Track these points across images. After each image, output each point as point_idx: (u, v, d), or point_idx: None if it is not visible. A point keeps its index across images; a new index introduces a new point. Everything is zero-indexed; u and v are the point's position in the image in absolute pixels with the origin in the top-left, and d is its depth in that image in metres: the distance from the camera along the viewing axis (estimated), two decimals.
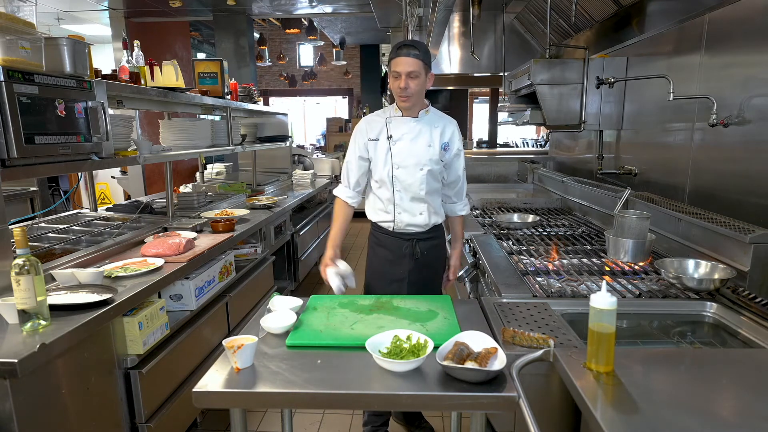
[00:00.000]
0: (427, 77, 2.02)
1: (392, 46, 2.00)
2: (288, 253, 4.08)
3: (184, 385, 2.18)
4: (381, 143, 2.14)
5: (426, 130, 2.11)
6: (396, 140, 2.11)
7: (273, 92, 12.49)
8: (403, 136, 2.11)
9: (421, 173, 2.10)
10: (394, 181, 2.12)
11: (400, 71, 1.97)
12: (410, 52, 1.96)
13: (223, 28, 6.72)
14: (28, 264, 1.40)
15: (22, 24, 1.80)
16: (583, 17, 3.28)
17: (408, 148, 2.10)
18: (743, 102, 1.94)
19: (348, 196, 2.21)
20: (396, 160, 2.10)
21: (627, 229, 2.10)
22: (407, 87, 1.98)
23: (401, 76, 1.97)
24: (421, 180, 2.10)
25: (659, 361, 1.23)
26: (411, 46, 1.97)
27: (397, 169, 2.11)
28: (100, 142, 2.07)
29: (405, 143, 2.11)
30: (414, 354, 1.28)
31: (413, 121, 2.11)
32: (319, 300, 1.76)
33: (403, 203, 2.14)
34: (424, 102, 2.14)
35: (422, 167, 2.10)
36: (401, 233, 2.18)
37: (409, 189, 2.12)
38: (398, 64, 1.97)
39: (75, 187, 4.82)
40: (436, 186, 2.17)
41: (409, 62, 1.95)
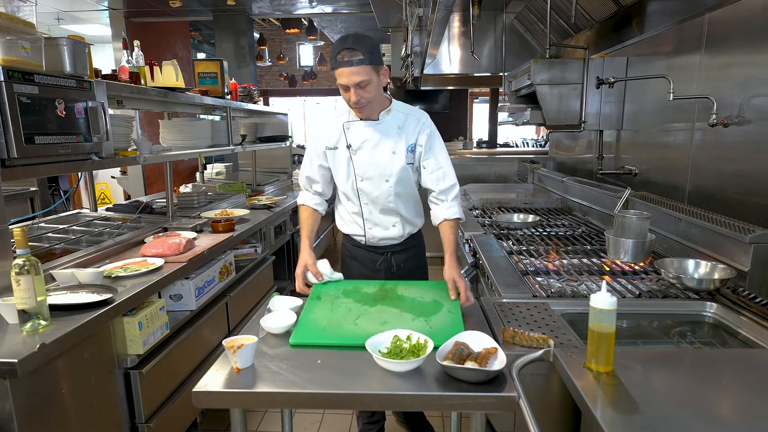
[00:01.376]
0: (380, 76, 1.75)
1: (332, 49, 1.73)
2: (288, 253, 4.08)
3: (184, 385, 2.18)
4: (340, 152, 1.91)
5: (389, 135, 1.87)
6: (356, 149, 1.88)
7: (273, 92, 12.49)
8: (364, 144, 1.87)
9: (387, 185, 1.89)
10: (360, 194, 1.94)
11: (346, 83, 1.69)
12: (353, 58, 1.65)
13: (223, 28, 6.72)
14: (28, 264, 1.40)
15: (22, 24, 1.80)
16: (583, 17, 3.28)
17: (370, 157, 1.87)
18: (743, 102, 1.94)
19: (315, 203, 2.00)
20: (359, 171, 1.90)
21: (627, 229, 2.10)
22: (359, 99, 1.72)
23: (350, 88, 1.70)
24: (389, 192, 1.90)
25: (659, 361, 1.23)
26: (352, 50, 1.66)
27: (362, 181, 1.91)
28: (100, 142, 2.07)
29: (366, 152, 1.87)
30: (414, 354, 1.28)
31: (373, 126, 1.86)
32: (322, 288, 1.77)
33: (373, 217, 1.97)
34: (385, 100, 1.89)
35: (388, 178, 1.88)
36: (375, 246, 2.04)
37: (377, 201, 1.93)
38: (342, 75, 1.69)
39: (75, 187, 4.82)
40: (408, 192, 1.96)
41: (355, 71, 1.66)
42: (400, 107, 1.92)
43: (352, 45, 1.66)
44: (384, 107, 1.88)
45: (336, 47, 1.69)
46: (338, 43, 1.69)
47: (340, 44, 1.68)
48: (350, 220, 2.03)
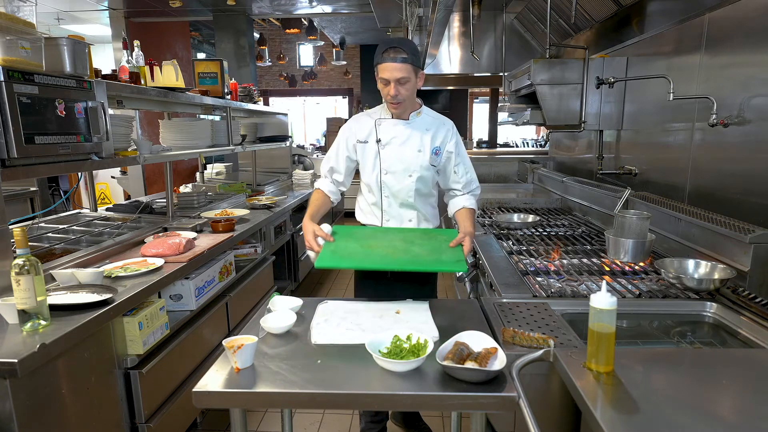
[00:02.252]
0: (417, 78, 1.91)
1: (378, 48, 1.89)
2: (288, 253, 4.08)
3: (184, 385, 2.18)
4: (369, 146, 2.04)
5: (416, 135, 2.01)
6: (385, 144, 2.01)
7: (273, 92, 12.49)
8: (392, 140, 2.01)
9: (410, 180, 2.01)
10: (383, 186, 2.04)
11: (388, 78, 1.84)
12: (397, 56, 1.81)
13: (223, 28, 6.72)
14: (28, 264, 1.40)
15: (22, 24, 1.80)
16: (583, 17, 3.28)
17: (397, 153, 2.01)
18: (743, 102, 1.94)
19: (330, 190, 2.11)
20: (384, 165, 2.02)
21: (627, 229, 2.10)
22: (397, 94, 1.87)
23: (390, 83, 1.85)
24: (410, 187, 2.02)
25: (659, 361, 1.23)
26: (398, 49, 1.82)
27: (386, 174, 2.02)
28: (100, 142, 2.07)
29: (394, 148, 2.01)
30: (414, 354, 1.28)
31: (403, 124, 2.01)
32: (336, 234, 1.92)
33: (392, 209, 2.07)
34: (416, 103, 2.04)
35: (411, 173, 2.01)
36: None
37: (398, 195, 2.04)
38: (385, 70, 1.84)
39: (75, 187, 4.82)
40: (427, 192, 2.09)
41: (398, 68, 1.82)
42: (429, 112, 2.08)
43: (398, 45, 1.84)
44: (415, 109, 2.03)
45: (384, 45, 1.85)
46: (386, 42, 1.87)
47: (387, 43, 1.85)
48: (369, 211, 2.12)
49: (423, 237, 1.89)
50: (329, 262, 1.69)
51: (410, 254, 1.72)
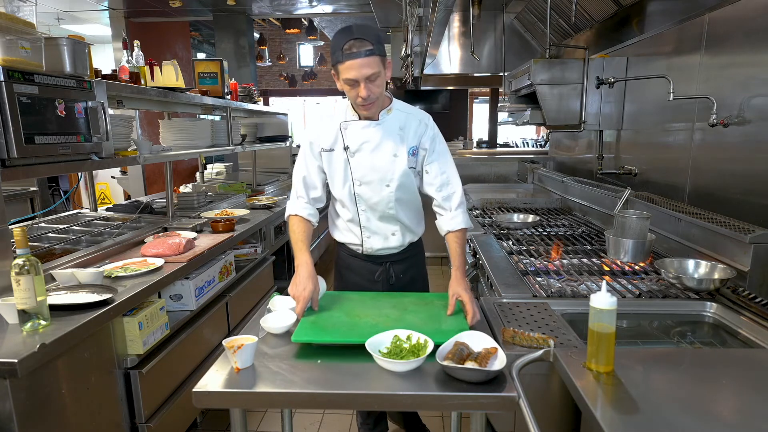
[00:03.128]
0: (385, 70, 1.60)
1: (334, 42, 1.56)
2: (288, 253, 4.08)
3: (184, 385, 2.18)
4: (337, 155, 1.76)
5: (390, 137, 1.72)
6: (354, 151, 1.73)
7: (273, 92, 12.50)
8: (363, 146, 1.72)
9: (387, 190, 1.75)
10: (357, 199, 1.79)
11: (355, 77, 1.53)
12: (362, 49, 1.49)
13: (223, 28, 6.73)
14: (28, 264, 1.40)
15: (22, 24, 1.80)
16: (583, 17, 3.28)
17: (369, 160, 1.73)
18: (743, 102, 1.94)
19: (309, 213, 1.79)
20: (357, 175, 1.75)
21: (627, 229, 2.10)
22: (369, 95, 1.57)
23: (359, 83, 1.54)
24: (389, 198, 1.76)
25: (659, 361, 1.23)
26: (362, 41, 1.50)
27: (360, 185, 1.76)
28: (100, 142, 2.07)
29: (365, 155, 1.73)
30: (414, 354, 1.27)
31: (373, 126, 1.71)
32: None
33: (371, 224, 1.83)
34: (385, 98, 1.73)
35: (389, 183, 1.74)
36: (372, 256, 1.90)
37: (376, 208, 1.79)
38: (350, 68, 1.52)
39: (75, 187, 4.82)
40: (410, 198, 1.83)
41: (365, 63, 1.51)
42: (401, 107, 1.78)
43: (359, 35, 1.50)
44: (384, 106, 1.74)
45: (341, 38, 1.52)
46: (342, 34, 1.53)
47: (345, 35, 1.52)
48: (346, 228, 1.89)
49: (418, 303, 1.65)
50: (309, 336, 1.40)
51: (404, 323, 1.47)
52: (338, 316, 1.54)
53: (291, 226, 1.79)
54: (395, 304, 1.64)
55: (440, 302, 1.65)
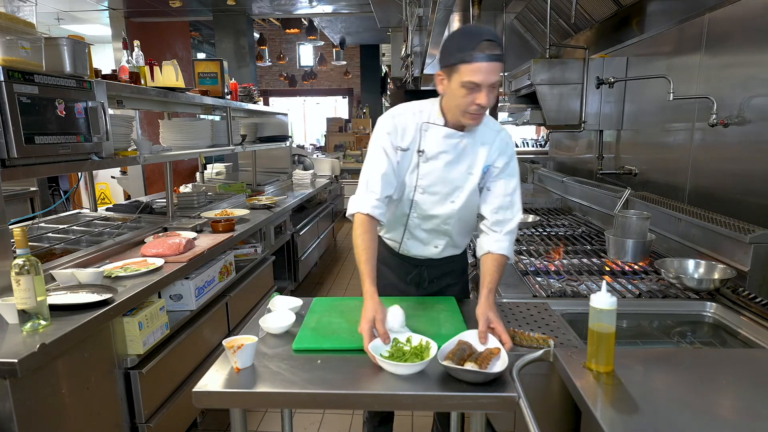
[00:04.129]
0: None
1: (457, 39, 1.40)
2: (288, 253, 4.08)
3: (184, 385, 2.17)
4: (408, 155, 1.57)
5: (470, 151, 1.56)
6: (429, 158, 1.55)
7: (273, 92, 12.50)
8: (440, 155, 1.55)
9: (451, 206, 1.59)
10: (414, 206, 1.63)
11: (480, 82, 1.36)
12: (494, 52, 1.35)
13: (223, 28, 6.73)
14: (28, 264, 1.40)
15: (22, 24, 1.80)
16: (583, 17, 3.28)
17: (441, 172, 1.56)
18: (743, 102, 1.94)
19: (380, 213, 1.53)
20: (423, 183, 1.58)
21: (627, 229, 2.10)
22: (489, 102, 1.40)
23: (482, 89, 1.38)
24: (449, 214, 1.61)
25: (659, 361, 1.23)
26: (494, 44, 1.35)
27: (422, 194, 1.60)
28: (100, 142, 2.07)
29: (438, 165, 1.55)
30: (417, 356, 1.26)
31: (457, 137, 1.53)
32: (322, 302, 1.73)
33: (417, 232, 1.69)
34: None
35: (454, 199, 1.58)
36: (407, 257, 1.79)
37: (430, 220, 1.65)
38: (479, 71, 1.35)
39: (75, 187, 4.82)
40: (468, 217, 1.67)
41: (495, 69, 1.37)
42: (491, 122, 1.61)
43: (491, 37, 1.35)
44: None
45: (469, 37, 1.36)
46: (471, 33, 1.38)
47: (475, 34, 1.36)
48: (388, 224, 1.74)
49: (417, 307, 1.62)
50: (310, 343, 1.39)
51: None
52: (338, 322, 1.53)
53: (357, 229, 1.50)
54: None
55: (440, 305, 1.65)
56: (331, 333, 1.45)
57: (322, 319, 1.56)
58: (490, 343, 1.29)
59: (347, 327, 1.49)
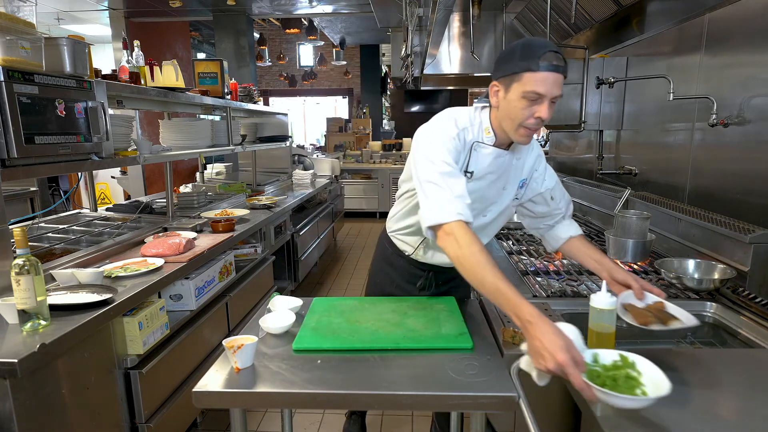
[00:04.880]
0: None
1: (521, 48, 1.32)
2: (288, 253, 4.08)
3: (184, 385, 2.18)
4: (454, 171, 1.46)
5: (509, 168, 1.53)
6: (476, 179, 1.48)
7: (273, 92, 12.49)
8: (486, 176, 1.49)
9: (481, 220, 1.56)
10: None
11: (544, 93, 1.29)
12: (560, 64, 1.29)
13: (223, 28, 6.72)
14: (28, 264, 1.40)
15: (22, 24, 1.80)
16: (583, 17, 3.28)
17: (482, 191, 1.51)
18: (743, 102, 1.94)
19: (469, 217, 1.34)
20: None
21: (627, 229, 2.10)
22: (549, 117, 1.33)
23: (544, 101, 1.30)
24: (478, 229, 1.55)
25: (659, 361, 1.23)
26: (559, 55, 1.30)
27: None
28: (100, 142, 2.07)
29: (482, 185, 1.50)
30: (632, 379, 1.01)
31: (502, 156, 1.48)
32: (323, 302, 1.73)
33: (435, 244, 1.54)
34: None
35: (486, 213, 1.57)
36: (418, 262, 1.77)
37: None
38: (544, 82, 1.28)
39: (75, 187, 4.82)
40: (494, 229, 1.68)
41: (560, 81, 1.31)
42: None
43: (557, 50, 1.31)
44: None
45: (534, 47, 1.29)
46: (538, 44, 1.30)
47: (542, 46, 1.29)
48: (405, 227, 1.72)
49: (417, 307, 1.63)
50: (309, 343, 1.39)
51: (404, 328, 1.47)
52: (338, 322, 1.53)
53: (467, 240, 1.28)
54: (395, 309, 1.63)
55: (439, 306, 1.65)
56: (331, 333, 1.45)
57: (322, 319, 1.56)
58: (649, 299, 1.25)
59: (347, 327, 1.49)
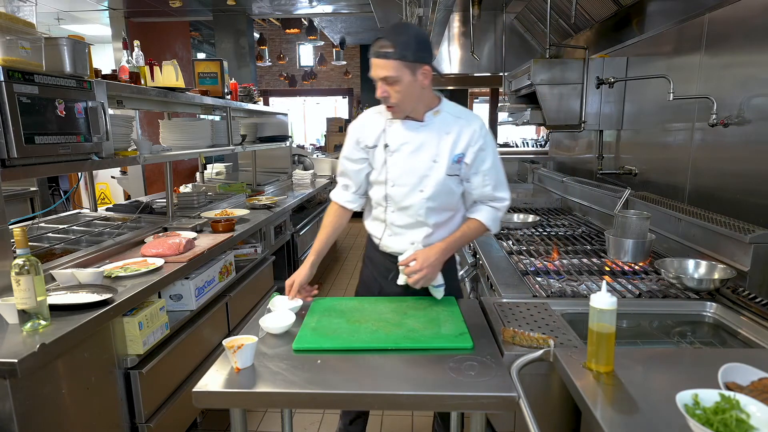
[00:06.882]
0: (416, 77, 1.54)
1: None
2: (288, 253, 4.08)
3: (184, 385, 2.17)
4: (378, 152, 1.71)
5: (432, 140, 1.65)
6: (393, 151, 1.67)
7: (273, 92, 12.49)
8: (402, 146, 1.66)
9: (420, 195, 1.66)
10: (388, 200, 1.72)
11: (372, 76, 1.56)
12: (381, 51, 1.50)
13: (223, 28, 6.72)
14: (28, 264, 1.40)
15: (22, 24, 1.80)
16: (583, 17, 3.28)
17: (406, 162, 1.66)
18: (743, 102, 1.94)
19: (347, 199, 1.81)
20: (391, 175, 1.68)
21: (627, 229, 2.10)
22: (387, 96, 1.56)
23: (377, 82, 1.56)
24: (420, 204, 1.66)
25: (659, 361, 1.23)
26: (383, 42, 1.51)
27: (393, 186, 1.69)
28: (100, 142, 2.07)
29: (403, 156, 1.66)
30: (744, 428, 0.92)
31: (416, 127, 1.65)
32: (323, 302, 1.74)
33: (395, 228, 1.75)
34: (433, 99, 1.67)
35: (423, 188, 1.65)
36: (388, 254, 1.82)
37: (406, 212, 1.70)
38: (372, 66, 1.55)
39: (75, 187, 4.82)
40: (447, 208, 1.72)
41: (381, 65, 1.52)
42: (451, 108, 1.69)
43: (386, 35, 1.51)
44: (431, 107, 1.66)
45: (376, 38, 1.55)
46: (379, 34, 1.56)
47: (380, 34, 1.55)
48: (373, 220, 1.84)
49: (417, 307, 1.64)
50: (309, 343, 1.39)
51: (404, 328, 1.47)
52: (338, 322, 1.53)
53: (327, 211, 1.84)
54: (394, 309, 1.64)
55: (439, 306, 1.65)
56: (331, 333, 1.45)
57: (322, 319, 1.56)
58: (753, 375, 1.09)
59: (347, 327, 1.49)
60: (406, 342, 1.38)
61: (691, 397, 0.99)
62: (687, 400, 0.99)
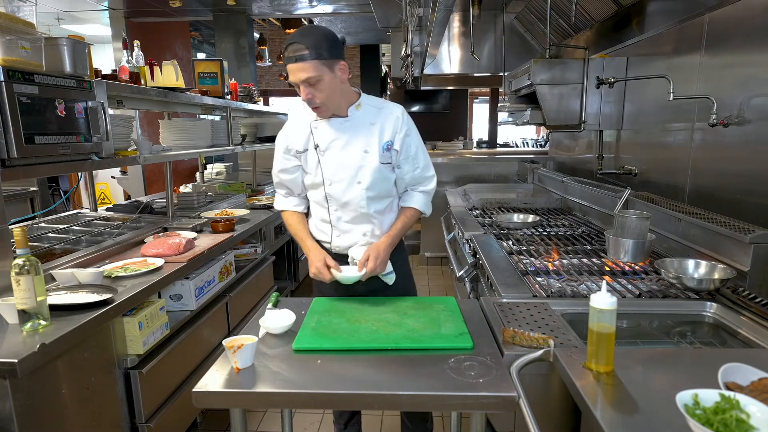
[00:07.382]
0: (335, 73, 1.60)
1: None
2: (288, 253, 4.08)
3: (184, 385, 2.18)
4: (310, 154, 1.75)
5: (359, 132, 1.71)
6: (324, 150, 1.72)
7: (273, 92, 12.49)
8: (332, 144, 1.71)
9: (359, 188, 1.72)
10: (329, 199, 1.76)
11: (293, 82, 1.59)
12: (295, 54, 1.54)
13: (223, 28, 6.72)
14: (28, 264, 1.40)
15: (22, 24, 1.80)
16: (583, 17, 3.28)
17: (339, 158, 1.71)
18: (743, 102, 1.94)
19: (294, 204, 1.91)
20: (327, 174, 1.73)
21: (627, 229, 2.10)
22: (312, 98, 1.60)
23: (299, 85, 1.59)
24: (361, 196, 1.73)
25: (659, 361, 1.23)
26: (295, 45, 1.54)
27: (330, 185, 1.74)
28: (100, 142, 2.07)
29: (334, 153, 1.72)
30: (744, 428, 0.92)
31: (341, 123, 1.71)
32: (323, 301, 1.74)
33: (341, 225, 1.80)
34: (352, 94, 1.73)
35: (360, 180, 1.71)
36: (342, 255, 1.84)
37: (348, 207, 1.76)
38: (290, 73, 1.57)
39: (75, 187, 4.82)
40: (385, 196, 1.79)
41: (299, 68, 1.55)
42: (371, 101, 1.78)
43: (296, 39, 1.54)
44: (352, 102, 1.73)
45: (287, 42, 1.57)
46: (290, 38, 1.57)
47: (289, 40, 1.56)
48: (318, 226, 1.87)
49: (417, 307, 1.65)
50: (310, 343, 1.39)
51: (404, 328, 1.48)
52: (338, 322, 1.53)
53: (286, 219, 1.93)
54: (394, 309, 1.64)
55: (439, 306, 1.65)
56: (331, 333, 1.45)
57: (322, 319, 1.56)
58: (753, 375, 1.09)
59: (347, 327, 1.49)
60: (406, 342, 1.39)
61: (691, 397, 0.99)
62: (687, 400, 0.99)
